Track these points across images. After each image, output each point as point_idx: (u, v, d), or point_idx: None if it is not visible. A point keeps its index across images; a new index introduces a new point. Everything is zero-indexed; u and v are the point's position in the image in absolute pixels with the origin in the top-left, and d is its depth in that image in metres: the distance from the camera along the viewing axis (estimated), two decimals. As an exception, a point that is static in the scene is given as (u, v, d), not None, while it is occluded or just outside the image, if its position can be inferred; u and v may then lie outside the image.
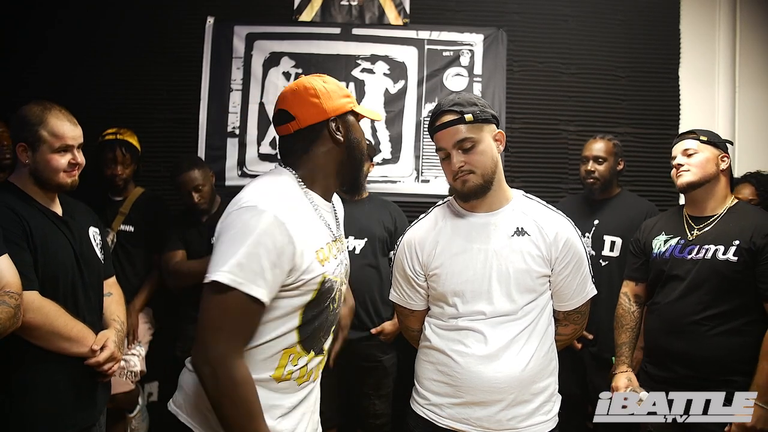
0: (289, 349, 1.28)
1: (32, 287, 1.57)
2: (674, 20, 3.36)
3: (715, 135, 2.11)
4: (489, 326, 1.55)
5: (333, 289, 1.33)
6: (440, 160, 1.62)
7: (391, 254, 1.73)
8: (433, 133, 1.60)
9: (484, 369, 1.52)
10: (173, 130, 3.27)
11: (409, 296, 1.72)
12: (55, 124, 1.68)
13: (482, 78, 3.27)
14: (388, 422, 2.78)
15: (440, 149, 1.58)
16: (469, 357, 1.54)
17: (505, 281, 1.55)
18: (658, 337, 2.07)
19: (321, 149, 1.35)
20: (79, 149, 1.75)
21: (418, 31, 3.28)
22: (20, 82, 3.15)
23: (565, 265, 1.59)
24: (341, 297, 1.41)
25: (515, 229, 1.59)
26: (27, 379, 1.61)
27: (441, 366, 1.60)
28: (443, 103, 1.57)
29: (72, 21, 3.25)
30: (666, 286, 2.07)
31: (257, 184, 1.29)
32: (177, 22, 3.29)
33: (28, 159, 1.68)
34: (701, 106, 3.33)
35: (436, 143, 1.59)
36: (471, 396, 1.53)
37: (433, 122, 1.59)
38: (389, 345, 2.76)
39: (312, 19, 3.29)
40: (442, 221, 1.67)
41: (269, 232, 1.16)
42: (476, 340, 1.55)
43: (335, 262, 1.35)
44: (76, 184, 1.76)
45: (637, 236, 2.29)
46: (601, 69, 3.34)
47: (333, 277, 1.32)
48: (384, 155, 3.22)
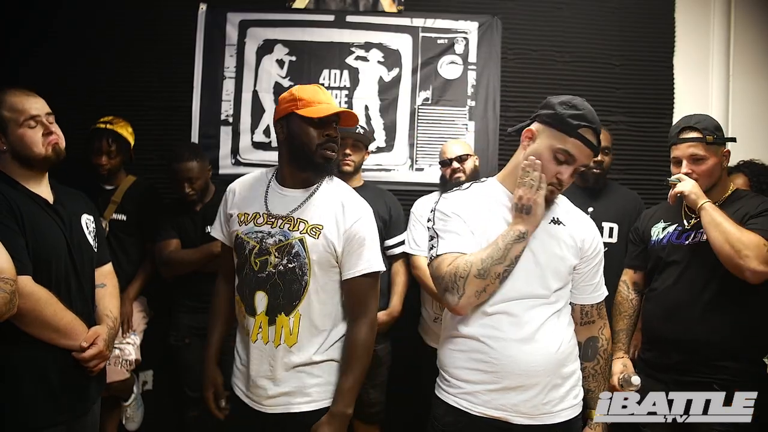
0: (236, 297, 1.76)
1: (26, 271, 1.56)
2: (669, 9, 3.36)
3: (718, 129, 2.05)
4: (523, 308, 1.54)
5: (243, 247, 1.70)
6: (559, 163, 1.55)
7: (428, 212, 1.70)
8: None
9: (520, 352, 1.51)
10: (166, 118, 3.24)
11: (462, 240, 1.59)
12: (12, 101, 1.69)
13: (477, 66, 3.25)
14: (382, 410, 2.80)
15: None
16: (504, 341, 1.52)
17: (542, 265, 1.56)
18: (654, 324, 2.10)
19: (279, 147, 1.75)
20: (50, 120, 1.74)
21: (412, 18, 3.25)
22: (16, 74, 3.11)
23: (593, 258, 1.67)
24: (264, 263, 1.66)
25: (552, 218, 1.62)
26: (18, 366, 1.61)
27: (474, 353, 1.56)
28: None
29: (66, 10, 3.21)
30: (663, 272, 2.09)
31: None
32: (169, 9, 3.25)
33: (4, 144, 1.68)
34: (695, 95, 3.33)
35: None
36: (508, 381, 1.52)
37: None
38: (383, 334, 2.76)
39: (306, 6, 3.26)
40: (477, 197, 1.65)
41: (224, 196, 1.83)
42: (510, 323, 1.53)
43: (255, 228, 1.70)
44: (62, 154, 1.76)
45: (636, 224, 2.31)
46: (596, 57, 3.33)
47: (244, 237, 1.70)
48: (378, 143, 3.21)
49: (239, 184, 1.80)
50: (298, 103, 1.66)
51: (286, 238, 1.65)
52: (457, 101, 3.24)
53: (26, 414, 1.61)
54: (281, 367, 1.66)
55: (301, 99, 1.66)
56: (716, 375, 1.92)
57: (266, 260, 1.66)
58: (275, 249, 1.65)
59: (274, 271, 1.65)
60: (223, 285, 1.88)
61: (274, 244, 1.66)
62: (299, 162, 1.69)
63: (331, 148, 1.68)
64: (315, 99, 1.67)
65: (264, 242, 1.67)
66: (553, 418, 1.55)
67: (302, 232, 1.65)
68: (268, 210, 1.70)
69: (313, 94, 1.68)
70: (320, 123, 1.66)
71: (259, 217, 1.70)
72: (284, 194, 1.72)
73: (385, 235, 2.80)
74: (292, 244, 1.65)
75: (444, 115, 3.24)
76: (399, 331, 2.85)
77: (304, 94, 1.67)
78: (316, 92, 1.69)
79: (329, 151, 1.68)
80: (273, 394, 1.67)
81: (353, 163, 2.76)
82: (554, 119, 1.54)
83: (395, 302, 2.76)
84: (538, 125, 1.59)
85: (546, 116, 1.56)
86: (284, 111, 1.69)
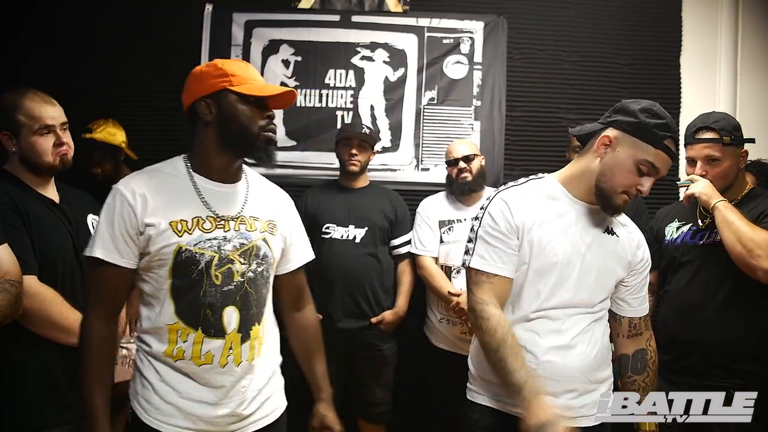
0: (172, 325, 1.39)
1: (31, 272, 1.56)
2: (676, 8, 3.34)
3: (737, 129, 2.00)
4: (565, 316, 1.52)
5: (196, 261, 1.38)
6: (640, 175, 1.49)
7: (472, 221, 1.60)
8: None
9: (560, 359, 1.49)
10: (171, 118, 3.23)
11: (500, 257, 1.52)
12: (30, 106, 1.69)
13: (482, 66, 3.24)
14: (388, 410, 2.79)
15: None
16: (543, 347, 1.50)
17: (592, 277, 1.53)
18: (669, 326, 2.06)
19: (199, 132, 1.46)
20: (64, 129, 1.75)
21: (417, 18, 3.25)
22: (16, 73, 3.11)
23: (642, 271, 1.65)
24: (229, 274, 1.42)
25: (606, 228, 1.58)
26: (23, 365, 1.61)
27: None
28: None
29: (69, 9, 3.21)
30: (677, 272, 2.06)
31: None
32: (170, 9, 3.26)
33: (14, 146, 1.69)
34: (702, 95, 3.31)
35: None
36: (546, 385, 1.47)
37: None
38: (389, 334, 2.76)
39: (311, 6, 3.26)
40: (538, 194, 1.57)
41: (117, 204, 1.37)
42: (550, 330, 1.51)
43: (205, 236, 1.40)
44: (69, 164, 1.76)
45: (651, 224, 2.28)
46: (602, 57, 3.32)
47: (196, 249, 1.39)
48: (383, 143, 3.21)
49: (142, 187, 1.39)
50: (231, 78, 1.42)
51: (248, 241, 1.46)
52: (463, 101, 3.24)
53: (32, 413, 1.61)
54: (259, 381, 1.49)
55: (234, 74, 1.42)
56: (732, 379, 1.88)
57: (229, 270, 1.42)
58: (238, 255, 1.44)
59: (242, 279, 1.44)
60: (99, 326, 1.39)
61: (234, 250, 1.43)
62: (235, 147, 1.45)
63: (273, 130, 1.47)
64: (250, 75, 1.45)
65: (222, 250, 1.41)
66: (589, 421, 1.54)
67: (262, 231, 1.49)
68: (213, 212, 1.43)
69: (245, 69, 1.47)
70: (258, 102, 1.44)
71: (204, 222, 1.41)
72: (221, 190, 1.47)
73: (391, 235, 2.80)
74: (257, 245, 1.47)
75: (449, 115, 3.24)
76: (405, 331, 2.84)
77: (237, 69, 1.44)
78: (248, 67, 1.48)
79: (272, 133, 1.47)
80: (249, 412, 1.47)
81: (359, 163, 2.76)
82: (638, 128, 1.47)
83: (401, 302, 2.76)
84: (616, 132, 1.50)
85: (627, 124, 1.48)
86: (212, 87, 1.42)
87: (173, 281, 1.39)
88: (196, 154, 1.47)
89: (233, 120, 1.41)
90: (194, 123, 1.47)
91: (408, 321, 2.80)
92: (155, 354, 1.41)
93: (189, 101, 1.46)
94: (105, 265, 1.37)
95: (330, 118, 3.21)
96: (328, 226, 2.74)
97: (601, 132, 1.53)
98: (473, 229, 1.57)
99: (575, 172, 1.58)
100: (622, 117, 1.50)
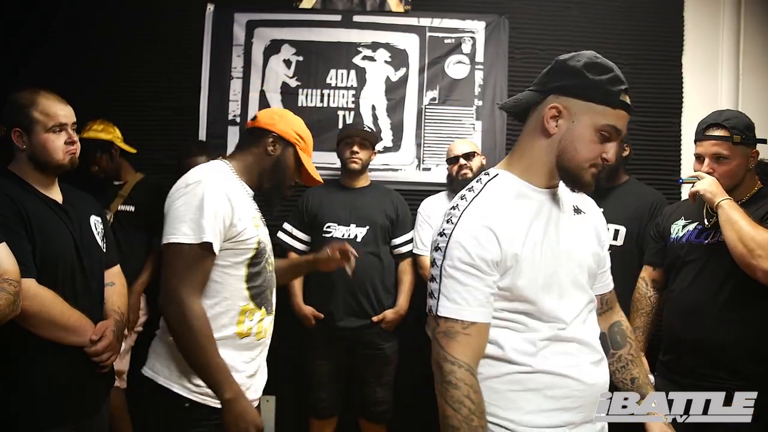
0: (245, 305, 1.63)
1: (29, 275, 1.56)
2: (678, 8, 3.33)
3: (749, 129, 1.94)
4: (585, 325, 1.30)
5: (265, 251, 1.68)
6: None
7: (428, 251, 1.40)
8: None
9: (597, 376, 1.29)
10: (173, 118, 3.25)
11: (476, 299, 1.18)
12: (46, 104, 1.70)
13: (484, 65, 3.24)
14: (389, 410, 2.80)
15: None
16: (582, 368, 1.26)
17: (582, 269, 1.32)
18: (672, 325, 2.05)
19: (253, 149, 1.72)
20: (73, 129, 1.76)
21: (419, 18, 3.25)
22: (16, 73, 3.13)
23: (606, 243, 1.46)
24: (271, 261, 1.76)
25: (573, 207, 1.36)
26: (27, 367, 1.61)
27: (552, 390, 1.23)
28: None
29: (69, 9, 3.22)
30: (681, 272, 2.05)
31: (197, 170, 1.64)
32: (170, 9, 3.26)
33: (25, 143, 1.69)
34: (704, 95, 3.29)
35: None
36: (588, 411, 1.29)
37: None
38: (391, 333, 2.76)
39: (313, 6, 3.26)
40: (506, 198, 1.27)
41: (214, 198, 1.53)
42: (581, 345, 1.28)
43: (265, 231, 1.72)
44: (76, 163, 1.77)
45: (657, 221, 2.26)
46: (604, 57, 3.30)
47: (265, 240, 1.70)
48: (385, 143, 3.21)
49: (227, 187, 1.59)
50: (301, 142, 1.76)
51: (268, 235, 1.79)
52: (464, 101, 3.24)
53: (35, 413, 1.61)
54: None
55: (303, 139, 1.77)
56: (736, 381, 1.86)
57: (271, 258, 1.78)
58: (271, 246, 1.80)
59: (273, 266, 1.80)
60: (203, 309, 1.54)
61: (270, 242, 1.79)
62: (265, 183, 1.75)
63: (292, 190, 1.83)
64: (310, 148, 1.81)
65: (269, 242, 1.77)
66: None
67: (265, 225, 1.79)
68: (257, 211, 1.76)
69: (310, 140, 1.80)
70: (298, 171, 1.79)
71: (258, 219, 1.73)
72: (250, 195, 1.76)
73: (392, 235, 2.81)
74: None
75: (451, 115, 3.24)
76: (406, 330, 2.85)
77: (306, 136, 1.79)
78: (310, 139, 1.81)
79: (289, 191, 1.82)
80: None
81: (360, 161, 2.76)
82: (589, 90, 1.23)
83: (402, 301, 2.77)
84: (565, 99, 1.24)
85: (574, 87, 1.24)
86: (287, 135, 1.73)
87: (249, 269, 1.63)
88: (242, 164, 1.72)
89: (283, 170, 1.74)
90: (252, 141, 1.73)
91: (409, 320, 2.80)
92: (221, 338, 1.57)
93: (267, 127, 1.72)
94: (211, 252, 1.53)
95: (331, 118, 3.22)
96: (330, 225, 2.74)
97: (543, 103, 1.26)
98: (435, 264, 1.22)
99: (528, 159, 1.29)
100: (565, 80, 1.25)
